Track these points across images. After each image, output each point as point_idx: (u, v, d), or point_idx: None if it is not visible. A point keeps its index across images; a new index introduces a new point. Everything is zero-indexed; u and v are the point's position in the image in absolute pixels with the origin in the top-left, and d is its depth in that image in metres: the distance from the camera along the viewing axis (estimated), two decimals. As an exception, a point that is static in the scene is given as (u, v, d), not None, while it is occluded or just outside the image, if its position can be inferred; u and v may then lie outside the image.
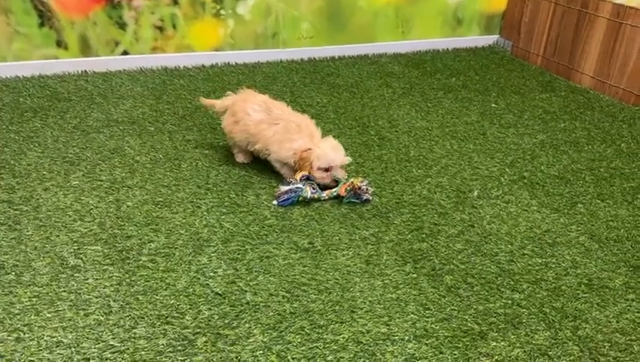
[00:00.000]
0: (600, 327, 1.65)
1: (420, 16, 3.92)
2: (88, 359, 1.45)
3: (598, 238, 2.05)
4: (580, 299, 1.75)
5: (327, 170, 2.14)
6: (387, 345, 1.54)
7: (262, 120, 2.20)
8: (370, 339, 1.56)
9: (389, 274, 1.81)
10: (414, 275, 1.81)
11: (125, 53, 3.29)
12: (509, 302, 1.72)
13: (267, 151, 2.21)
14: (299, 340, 1.54)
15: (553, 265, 1.89)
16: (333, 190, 2.15)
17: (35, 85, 3.02)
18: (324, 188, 2.16)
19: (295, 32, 3.63)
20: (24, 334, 1.51)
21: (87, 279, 1.71)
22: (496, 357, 1.53)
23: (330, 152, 2.14)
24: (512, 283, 1.80)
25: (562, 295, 1.77)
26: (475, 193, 2.29)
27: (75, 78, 3.16)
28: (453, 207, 2.18)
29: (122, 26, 3.22)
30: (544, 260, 1.92)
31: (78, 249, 1.83)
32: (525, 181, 2.40)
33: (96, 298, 1.64)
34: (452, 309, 1.68)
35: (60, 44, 3.14)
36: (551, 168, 2.52)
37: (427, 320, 1.64)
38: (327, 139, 2.19)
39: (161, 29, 3.31)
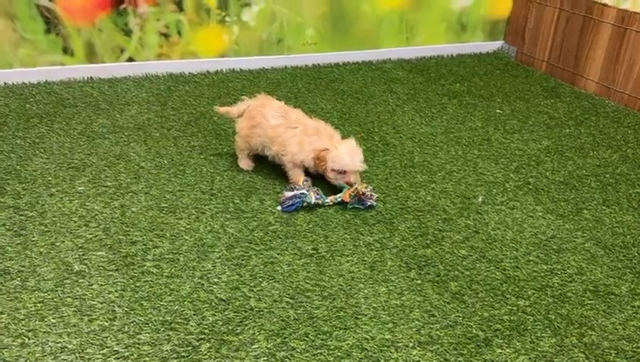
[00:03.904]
0: (606, 334, 1.64)
1: (424, 22, 3.93)
2: (92, 365, 1.46)
3: (604, 245, 2.04)
4: (585, 306, 1.74)
5: (341, 173, 2.15)
6: (391, 352, 1.54)
7: (280, 124, 2.23)
8: (375, 346, 1.55)
9: (393, 280, 1.80)
10: (419, 281, 1.80)
11: (131, 59, 3.31)
12: (514, 308, 1.71)
13: (284, 152, 2.22)
14: (303, 347, 1.54)
15: (558, 272, 1.89)
16: (337, 196, 2.15)
17: (41, 91, 3.04)
18: (340, 190, 2.17)
19: (299, 39, 3.64)
20: (29, 339, 1.51)
21: (91, 285, 1.71)
22: (502, 364, 1.53)
23: (345, 157, 2.13)
24: (517, 289, 1.79)
25: (568, 301, 1.76)
26: (480, 199, 2.28)
27: (80, 84, 3.17)
28: (457, 213, 2.18)
29: (128, 32, 3.24)
30: (549, 266, 1.91)
31: (83, 254, 1.84)
32: (530, 187, 2.39)
33: (101, 303, 1.64)
34: (457, 316, 1.67)
35: (65, 50, 3.16)
36: (556, 174, 2.51)
37: (432, 326, 1.63)
38: (346, 141, 2.19)
39: (166, 35, 3.33)
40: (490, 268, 1.88)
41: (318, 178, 2.29)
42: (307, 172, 2.26)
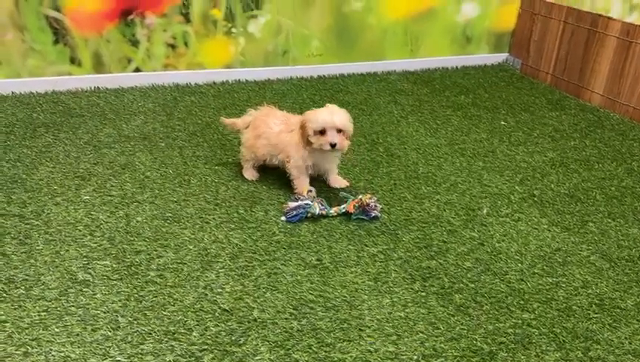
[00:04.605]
0: (612, 349, 1.62)
1: (429, 34, 3.95)
2: (95, 374, 1.45)
3: (610, 258, 2.03)
4: (591, 320, 1.73)
5: (322, 132, 2.10)
6: (395, 364, 1.53)
7: (282, 130, 2.25)
8: (379, 358, 1.54)
9: (397, 292, 1.80)
10: (423, 293, 1.79)
11: (137, 70, 3.34)
12: (519, 321, 1.70)
13: (287, 159, 2.23)
14: (306, 358, 1.53)
15: (564, 285, 1.87)
16: (342, 206, 2.15)
17: (49, 101, 3.06)
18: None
19: (305, 50, 3.67)
20: (32, 349, 1.51)
21: (95, 294, 1.71)
22: (506, 377, 1.51)
23: (324, 113, 2.10)
24: (522, 302, 1.78)
25: (573, 315, 1.74)
26: (485, 211, 2.28)
27: (87, 94, 3.20)
28: (462, 225, 2.17)
29: (135, 43, 3.27)
30: (555, 279, 1.90)
31: (88, 263, 1.84)
32: (535, 199, 2.39)
33: (105, 313, 1.64)
34: (461, 328, 1.66)
35: (73, 60, 3.19)
36: (561, 186, 2.51)
37: (436, 339, 1.62)
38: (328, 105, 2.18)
39: (173, 46, 3.36)
40: (495, 281, 1.87)
41: (322, 188, 2.29)
42: (312, 181, 2.27)
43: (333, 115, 2.11)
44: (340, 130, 2.11)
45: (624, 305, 1.80)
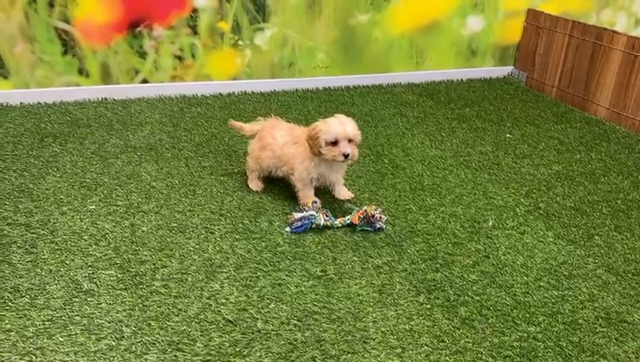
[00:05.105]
0: (619, 363, 1.61)
1: (435, 47, 3.96)
2: (99, 384, 1.45)
3: (616, 271, 2.01)
4: (597, 334, 1.71)
5: (334, 143, 2.10)
6: (400, 377, 1.52)
7: (286, 142, 2.26)
8: (383, 371, 1.53)
9: (402, 304, 1.79)
10: (428, 306, 1.79)
11: (145, 81, 3.36)
12: (525, 335, 1.69)
13: (291, 171, 2.24)
14: (310, 370, 1.52)
15: (570, 298, 1.86)
16: (346, 218, 2.15)
17: (56, 111, 3.09)
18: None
19: (311, 62, 3.69)
20: (36, 358, 1.51)
21: (100, 303, 1.72)
22: (512, 391, 1.50)
23: (335, 124, 2.11)
24: (527, 315, 1.77)
25: (579, 329, 1.73)
26: (490, 223, 2.27)
27: (95, 104, 3.23)
28: (467, 237, 2.16)
29: (142, 55, 3.30)
30: (560, 293, 1.88)
31: (93, 273, 1.84)
32: (541, 212, 2.38)
33: (109, 323, 1.64)
34: (466, 342, 1.65)
35: (81, 71, 3.22)
36: (567, 199, 2.50)
37: (441, 352, 1.61)
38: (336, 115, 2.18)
39: (180, 58, 3.39)
40: (501, 294, 1.86)
41: (327, 199, 2.29)
42: (316, 192, 2.27)
43: (345, 126, 2.12)
44: (350, 140, 2.13)
45: (631, 319, 1.78)
